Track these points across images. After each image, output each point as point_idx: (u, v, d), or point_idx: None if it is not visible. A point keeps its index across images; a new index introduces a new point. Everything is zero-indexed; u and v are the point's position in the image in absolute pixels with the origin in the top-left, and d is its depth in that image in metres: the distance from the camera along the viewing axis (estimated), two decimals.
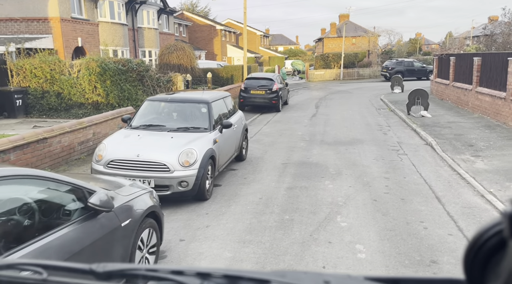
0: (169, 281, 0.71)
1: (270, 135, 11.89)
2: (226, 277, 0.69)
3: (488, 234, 0.56)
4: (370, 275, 0.68)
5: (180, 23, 40.46)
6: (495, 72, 12.60)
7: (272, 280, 0.67)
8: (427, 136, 10.74)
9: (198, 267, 0.74)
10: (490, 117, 12.71)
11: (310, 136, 11.55)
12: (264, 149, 9.98)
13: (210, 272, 0.70)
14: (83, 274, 0.77)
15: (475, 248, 0.57)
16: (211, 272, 0.70)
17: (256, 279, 0.68)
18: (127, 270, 0.76)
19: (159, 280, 0.72)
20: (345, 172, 7.78)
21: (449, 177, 7.50)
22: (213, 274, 0.70)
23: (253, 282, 0.68)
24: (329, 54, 38.37)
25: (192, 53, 19.65)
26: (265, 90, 16.85)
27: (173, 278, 0.71)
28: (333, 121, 14.13)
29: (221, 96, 7.91)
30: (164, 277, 0.72)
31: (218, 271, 0.70)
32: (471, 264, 0.58)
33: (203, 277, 0.70)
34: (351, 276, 0.68)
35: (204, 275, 0.70)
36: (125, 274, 0.76)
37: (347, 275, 0.68)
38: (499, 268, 0.55)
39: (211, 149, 6.38)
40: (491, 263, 0.56)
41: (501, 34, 15.67)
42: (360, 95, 23.30)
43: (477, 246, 0.57)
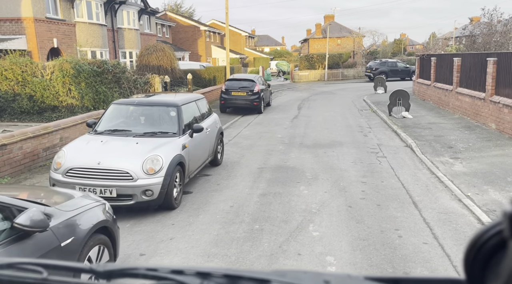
0: (169, 281, 0.71)
1: (249, 138, 11.62)
2: (226, 277, 0.69)
3: (488, 234, 0.56)
4: (370, 275, 0.69)
5: (163, 23, 39.93)
6: (475, 72, 12.57)
7: (272, 280, 0.67)
8: (407, 138, 10.61)
9: (198, 266, 0.74)
10: (470, 118, 12.68)
11: (290, 138, 11.32)
12: (241, 152, 9.70)
13: (210, 271, 0.70)
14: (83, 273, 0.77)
15: (476, 248, 0.57)
16: (211, 272, 0.70)
17: (256, 279, 0.68)
18: (127, 270, 0.76)
19: (159, 280, 0.72)
20: (321, 177, 7.54)
21: (427, 180, 7.34)
22: (213, 273, 0.70)
23: (253, 281, 0.68)
24: (314, 55, 38.34)
25: (172, 54, 19.26)
26: (246, 92, 16.58)
27: (173, 278, 0.71)
28: (314, 123, 13.93)
29: (193, 99, 7.60)
30: (164, 277, 0.72)
31: (218, 271, 0.70)
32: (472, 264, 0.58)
33: (203, 276, 0.70)
34: (351, 276, 0.68)
35: (204, 274, 0.70)
36: (125, 273, 0.76)
37: (347, 275, 0.69)
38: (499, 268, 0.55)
39: (180, 155, 6.07)
40: (491, 263, 0.57)
41: (481, 34, 15.71)
42: (343, 96, 23.22)
43: (478, 246, 0.57)
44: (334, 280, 0.66)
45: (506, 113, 10.19)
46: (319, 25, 64.43)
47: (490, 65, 11.10)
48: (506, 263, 0.53)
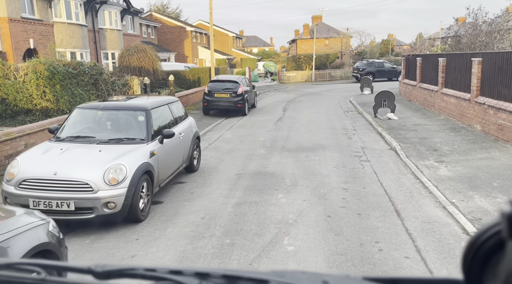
0: (167, 281, 0.71)
1: (230, 141, 11.22)
2: (224, 277, 0.69)
3: (486, 235, 0.56)
4: (368, 275, 0.69)
5: (149, 24, 39.31)
6: (460, 73, 12.38)
7: (271, 280, 0.67)
8: (392, 141, 10.33)
9: (196, 266, 0.74)
10: (456, 119, 12.48)
11: (272, 142, 10.95)
12: (220, 157, 9.30)
13: (209, 272, 0.71)
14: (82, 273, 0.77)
15: (474, 249, 0.57)
16: (210, 272, 0.71)
17: (255, 279, 0.68)
18: (126, 270, 0.75)
19: (158, 280, 0.72)
20: (301, 183, 7.19)
21: (411, 186, 7.03)
22: (211, 274, 0.70)
23: (252, 282, 0.68)
24: (301, 56, 38.12)
25: (154, 55, 18.76)
26: (230, 93, 16.19)
27: (172, 278, 0.71)
28: (298, 125, 13.60)
29: (165, 102, 7.18)
30: (162, 277, 0.72)
31: (216, 271, 0.70)
32: (470, 265, 0.58)
33: (201, 277, 0.70)
34: (349, 276, 0.69)
35: (202, 275, 0.70)
36: (124, 273, 0.75)
37: (346, 275, 0.69)
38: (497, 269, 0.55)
39: (147, 163, 5.65)
40: (490, 264, 0.57)
41: (466, 34, 15.56)
42: (329, 97, 22.97)
43: (476, 246, 0.57)
44: (333, 281, 0.67)
45: (491, 114, 9.98)
46: (307, 26, 64.40)
47: (475, 66, 10.90)
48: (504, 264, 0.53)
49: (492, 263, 0.56)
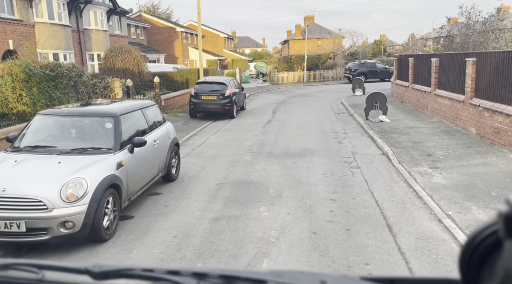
0: (165, 281, 0.71)
1: (215, 146, 10.68)
2: (222, 277, 0.69)
3: (483, 234, 0.56)
4: (366, 275, 0.69)
5: (137, 25, 38.65)
6: (453, 73, 11.96)
7: (268, 280, 0.67)
8: (384, 145, 9.86)
9: (194, 267, 0.74)
10: (450, 122, 12.06)
11: (259, 147, 10.43)
12: (203, 164, 8.76)
13: (207, 272, 0.71)
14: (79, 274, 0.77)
15: (471, 248, 0.57)
16: (208, 272, 0.70)
17: (252, 279, 0.68)
18: (123, 270, 0.75)
19: (155, 280, 0.72)
20: (286, 194, 6.67)
21: (404, 195, 6.55)
22: (209, 274, 0.70)
23: (250, 282, 0.68)
24: (292, 56, 37.68)
25: (139, 56, 18.16)
26: (217, 95, 15.65)
27: (169, 278, 0.71)
28: (287, 129, 13.10)
29: (138, 107, 6.61)
30: (160, 277, 0.72)
31: (214, 271, 0.70)
32: (467, 264, 0.58)
33: (199, 277, 0.70)
34: (347, 276, 0.69)
35: (200, 275, 0.70)
36: (121, 274, 0.75)
37: (343, 275, 0.69)
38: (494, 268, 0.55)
39: (113, 175, 5.09)
40: (487, 263, 0.56)
41: (459, 34, 15.16)
42: (321, 99, 22.52)
43: (473, 246, 0.57)
44: (331, 280, 0.66)
45: (486, 117, 9.55)
46: (299, 26, 64.08)
47: (469, 66, 10.48)
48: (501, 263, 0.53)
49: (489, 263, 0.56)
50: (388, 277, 0.69)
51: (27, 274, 0.77)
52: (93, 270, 0.75)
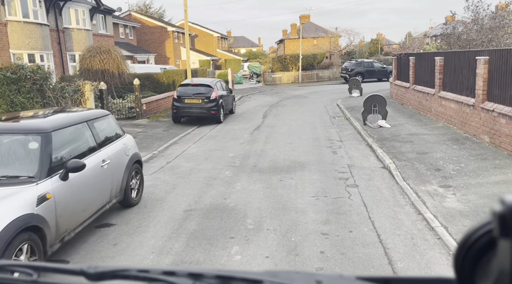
0: (160, 282, 0.71)
1: (193, 158, 9.41)
2: (218, 278, 0.69)
3: (478, 234, 0.56)
4: (361, 275, 0.68)
5: (126, 24, 37.32)
6: (461, 74, 10.73)
7: (264, 280, 0.67)
8: (385, 156, 8.61)
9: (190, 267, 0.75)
10: (457, 127, 10.82)
11: (243, 159, 9.16)
12: (174, 182, 7.49)
13: (202, 272, 0.70)
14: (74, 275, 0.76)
15: (465, 248, 0.57)
16: (203, 273, 0.70)
17: (248, 279, 0.68)
18: (119, 271, 0.75)
19: (151, 281, 0.72)
20: (267, 226, 5.40)
21: (412, 226, 5.30)
22: (205, 274, 0.70)
23: (246, 282, 0.68)
24: (287, 56, 36.42)
25: (119, 56, 16.81)
26: (201, 99, 14.37)
27: (165, 279, 0.71)
28: (277, 136, 11.83)
29: (82, 119, 5.32)
30: (155, 278, 0.72)
31: (210, 272, 0.70)
32: (462, 264, 0.58)
33: (195, 277, 0.70)
34: (343, 276, 0.69)
35: (196, 275, 0.70)
36: (117, 275, 0.75)
37: (339, 275, 0.69)
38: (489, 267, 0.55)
39: (29, 215, 3.82)
40: (481, 263, 0.57)
41: (465, 30, 13.90)
42: (315, 100, 21.28)
43: (467, 245, 0.57)
44: (326, 280, 0.66)
45: (503, 124, 8.32)
46: (295, 25, 62.91)
47: (481, 65, 9.25)
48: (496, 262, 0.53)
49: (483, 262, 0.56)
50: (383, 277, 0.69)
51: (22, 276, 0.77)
52: (88, 271, 0.75)
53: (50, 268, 0.80)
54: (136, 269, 0.74)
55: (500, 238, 0.51)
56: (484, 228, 0.55)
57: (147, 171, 8.37)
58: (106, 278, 0.75)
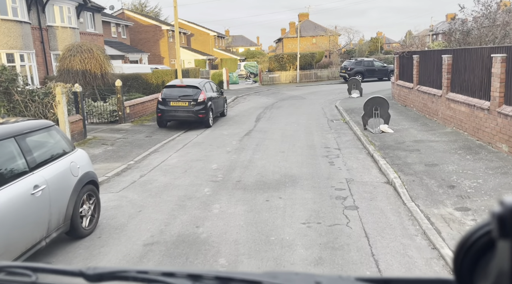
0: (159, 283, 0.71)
1: (171, 170, 8.31)
2: (217, 279, 0.69)
3: (477, 235, 0.56)
4: (360, 276, 0.69)
5: (119, 23, 36.20)
6: (472, 73, 9.62)
7: (263, 282, 0.67)
8: (388, 169, 7.50)
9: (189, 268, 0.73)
10: (469, 133, 9.70)
11: (227, 172, 8.05)
12: (142, 203, 6.37)
13: (202, 274, 0.70)
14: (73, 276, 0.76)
15: (465, 249, 0.57)
16: (203, 274, 0.70)
17: (247, 281, 0.68)
18: (118, 272, 0.75)
19: (150, 282, 0.72)
20: (244, 267, 4.29)
21: (427, 269, 4.19)
22: (204, 275, 0.70)
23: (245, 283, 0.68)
24: (284, 55, 35.30)
25: (102, 55, 15.69)
26: (188, 101, 13.26)
27: (164, 280, 0.71)
28: (268, 142, 10.72)
29: (5, 134, 4.19)
30: (155, 279, 0.72)
31: (209, 273, 0.70)
32: (461, 264, 0.58)
33: (194, 279, 0.70)
34: (342, 277, 0.68)
35: (195, 276, 0.70)
36: (116, 276, 0.75)
37: (338, 276, 0.69)
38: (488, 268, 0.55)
39: None
40: (480, 263, 0.56)
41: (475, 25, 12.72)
42: (313, 102, 20.17)
43: (467, 246, 0.57)
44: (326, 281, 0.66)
45: None
46: (293, 24, 61.88)
47: (497, 64, 8.13)
48: (495, 263, 0.53)
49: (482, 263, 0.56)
50: (382, 278, 0.68)
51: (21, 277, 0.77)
52: (87, 273, 0.75)
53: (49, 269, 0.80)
54: (135, 270, 0.74)
55: (499, 239, 0.51)
56: (483, 229, 0.55)
57: (114, 187, 7.27)
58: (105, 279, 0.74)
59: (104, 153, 9.99)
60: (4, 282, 0.77)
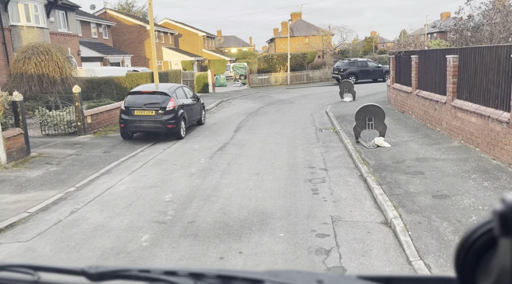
0: (161, 282, 0.70)
1: (113, 203, 6.59)
2: (219, 277, 0.68)
3: (478, 233, 0.56)
4: (362, 274, 0.68)
5: (100, 23, 34.36)
6: (485, 77, 7.98)
7: (265, 280, 0.66)
8: (386, 203, 5.82)
9: (191, 267, 0.73)
10: (481, 150, 8.06)
11: (180, 206, 6.34)
12: (50, 261, 4.64)
13: (203, 272, 0.70)
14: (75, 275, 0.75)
15: (466, 247, 0.57)
16: (204, 273, 0.70)
17: (249, 279, 0.67)
18: (120, 271, 0.75)
19: (152, 281, 0.71)
20: None
21: None
22: (206, 274, 0.69)
23: (247, 282, 0.67)
24: (273, 56, 33.63)
25: (63, 58, 13.89)
26: (155, 110, 11.54)
27: (166, 279, 0.70)
28: (243, 161, 9.02)
29: None
30: (157, 278, 0.71)
31: (211, 272, 0.69)
32: (462, 262, 0.58)
33: (196, 277, 0.69)
34: (343, 276, 0.68)
35: (197, 275, 0.69)
36: (118, 275, 0.74)
37: (340, 274, 0.69)
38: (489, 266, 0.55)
39: None
40: (482, 261, 0.56)
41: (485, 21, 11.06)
42: (302, 106, 18.50)
43: (468, 244, 0.57)
44: (327, 280, 0.66)
45: None
46: (285, 24, 60.21)
47: None
48: (496, 261, 0.53)
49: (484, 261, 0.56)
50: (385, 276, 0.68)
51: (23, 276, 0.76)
52: (89, 271, 0.74)
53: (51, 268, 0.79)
54: (137, 269, 0.73)
55: (500, 237, 0.51)
56: (484, 227, 0.55)
57: (28, 232, 5.54)
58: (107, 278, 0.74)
59: (43, 177, 8.25)
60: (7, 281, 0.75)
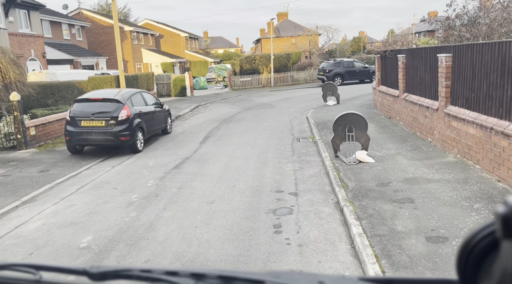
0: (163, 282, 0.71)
1: (10, 251, 5.03)
2: (220, 278, 0.69)
3: (481, 235, 0.56)
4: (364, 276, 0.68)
5: (73, 23, 32.50)
6: (486, 80, 6.58)
7: (266, 281, 0.67)
8: (366, 251, 4.35)
9: (192, 267, 0.73)
10: (483, 168, 6.65)
11: (94, 259, 4.78)
12: None
13: (205, 272, 0.70)
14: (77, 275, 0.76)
15: (468, 249, 0.57)
16: (206, 273, 0.70)
17: (250, 280, 0.68)
18: (121, 271, 0.75)
19: (153, 281, 0.71)
20: None
21: None
22: (207, 274, 0.70)
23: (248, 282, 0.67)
24: (256, 56, 32.11)
25: (6, 61, 12.22)
26: (106, 120, 9.97)
27: (168, 279, 0.71)
28: (199, 183, 7.49)
29: None
30: (158, 278, 0.71)
31: (212, 272, 0.70)
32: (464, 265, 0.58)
33: (197, 277, 0.70)
34: (345, 277, 0.68)
35: (198, 275, 0.70)
36: (119, 274, 0.75)
37: (342, 276, 0.68)
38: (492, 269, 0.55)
39: None
40: (484, 264, 0.56)
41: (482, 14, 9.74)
42: (282, 111, 17.04)
43: (470, 246, 0.57)
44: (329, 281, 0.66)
45: None
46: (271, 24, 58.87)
47: None
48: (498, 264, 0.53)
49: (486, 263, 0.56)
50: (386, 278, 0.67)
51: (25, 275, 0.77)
52: (91, 271, 0.75)
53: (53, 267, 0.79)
54: (138, 269, 0.73)
55: (503, 239, 0.51)
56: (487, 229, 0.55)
57: None
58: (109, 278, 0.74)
59: None
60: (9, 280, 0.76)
